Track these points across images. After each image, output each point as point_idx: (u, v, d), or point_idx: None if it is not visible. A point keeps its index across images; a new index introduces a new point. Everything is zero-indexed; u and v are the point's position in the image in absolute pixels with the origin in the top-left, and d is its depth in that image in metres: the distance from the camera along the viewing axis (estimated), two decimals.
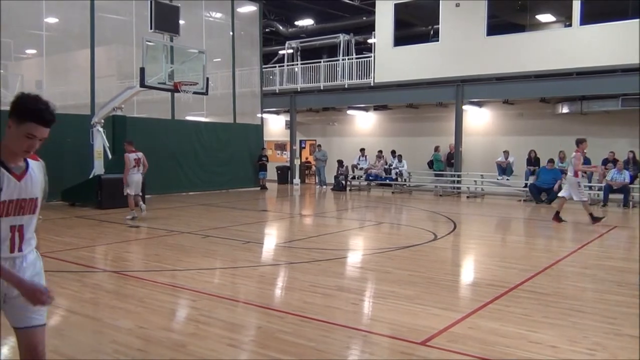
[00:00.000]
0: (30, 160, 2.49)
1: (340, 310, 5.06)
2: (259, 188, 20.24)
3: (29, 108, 2.34)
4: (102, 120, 13.89)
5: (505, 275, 6.50)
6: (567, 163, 16.78)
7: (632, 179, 15.06)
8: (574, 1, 16.56)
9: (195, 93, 14.00)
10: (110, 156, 13.72)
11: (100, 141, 13.72)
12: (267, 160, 20.95)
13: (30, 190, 2.47)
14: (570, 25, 17.19)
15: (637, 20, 15.42)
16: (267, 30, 25.14)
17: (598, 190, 15.70)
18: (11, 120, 2.36)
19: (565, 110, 18.19)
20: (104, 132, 13.83)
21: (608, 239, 9.84)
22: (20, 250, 2.46)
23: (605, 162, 16.00)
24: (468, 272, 7.32)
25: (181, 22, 13.92)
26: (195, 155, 18.09)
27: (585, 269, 7.12)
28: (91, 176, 13.57)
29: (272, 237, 10.36)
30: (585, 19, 16.57)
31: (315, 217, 13.25)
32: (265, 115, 23.04)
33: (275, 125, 26.36)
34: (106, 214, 11.95)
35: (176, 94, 16.00)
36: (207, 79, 14.39)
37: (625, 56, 15.46)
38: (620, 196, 14.89)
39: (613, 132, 17.42)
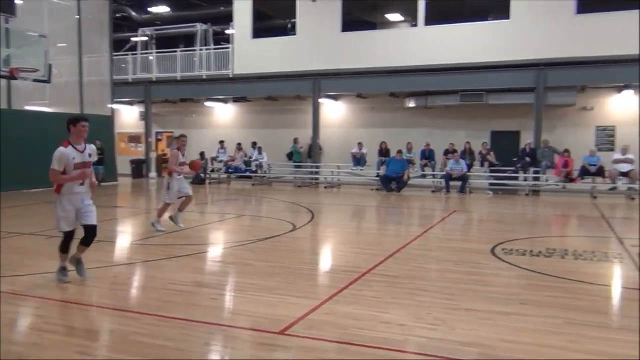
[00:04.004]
0: None
1: (200, 306, 4.99)
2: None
3: None
4: None
5: (359, 261, 6.86)
6: (414, 154, 18.21)
7: (469, 167, 16.71)
8: (419, 2, 17.84)
9: (35, 81, 12.81)
10: None
11: None
12: (103, 154, 19.23)
13: None
14: (416, 25, 18.49)
15: (476, 23, 17.21)
16: (118, 15, 23.68)
17: (440, 179, 17.18)
18: None
19: (412, 104, 19.58)
20: None
21: (449, 222, 10.84)
22: None
23: (446, 152, 17.55)
24: (325, 260, 7.62)
25: (18, 2, 12.62)
26: (35, 149, 16.50)
27: (429, 251, 7.78)
28: None
29: (126, 235, 9.86)
30: (430, 20, 17.94)
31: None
32: (117, 106, 21.74)
33: (129, 117, 25.03)
34: None
35: (13, 82, 14.49)
36: (50, 65, 13.23)
37: (463, 55, 17.05)
38: (459, 183, 16.44)
39: (453, 125, 19.14)
